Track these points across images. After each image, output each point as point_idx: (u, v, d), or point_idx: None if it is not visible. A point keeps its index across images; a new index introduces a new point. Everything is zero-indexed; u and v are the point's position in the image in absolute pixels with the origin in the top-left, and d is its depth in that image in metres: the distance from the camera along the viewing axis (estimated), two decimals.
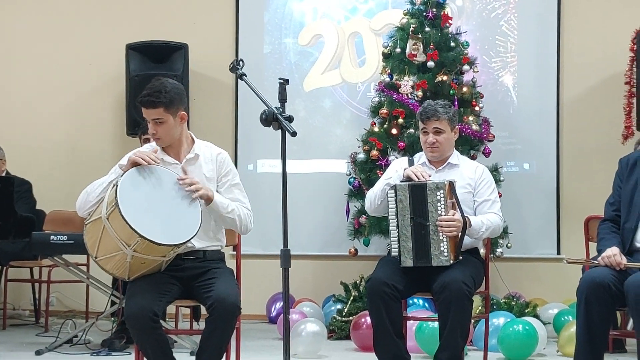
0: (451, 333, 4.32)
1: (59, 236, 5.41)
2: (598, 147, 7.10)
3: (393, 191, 4.46)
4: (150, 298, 3.85)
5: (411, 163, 4.74)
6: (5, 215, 6.05)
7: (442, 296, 4.33)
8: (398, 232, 4.44)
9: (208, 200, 4.04)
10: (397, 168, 4.74)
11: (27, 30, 7.66)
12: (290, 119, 3.48)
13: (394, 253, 4.48)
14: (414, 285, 4.48)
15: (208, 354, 3.92)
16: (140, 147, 4.28)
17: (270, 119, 3.49)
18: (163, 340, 3.90)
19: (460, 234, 4.42)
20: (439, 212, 4.36)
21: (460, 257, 4.45)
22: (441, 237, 4.36)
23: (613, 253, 4.02)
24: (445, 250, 4.35)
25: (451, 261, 4.36)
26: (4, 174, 6.76)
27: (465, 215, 4.46)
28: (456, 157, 4.77)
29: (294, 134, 3.43)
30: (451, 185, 4.45)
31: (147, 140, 5.52)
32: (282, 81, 3.57)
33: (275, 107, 3.52)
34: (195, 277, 4.06)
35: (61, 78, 7.58)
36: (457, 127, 4.79)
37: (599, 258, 4.09)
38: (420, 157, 4.81)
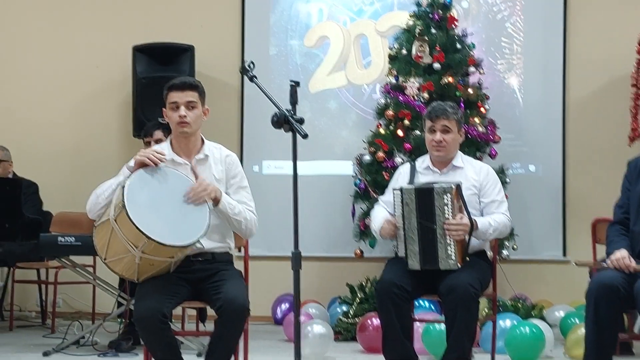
0: (458, 335, 4.32)
1: (66, 238, 5.41)
2: (604, 149, 7.10)
3: (399, 193, 4.45)
4: (160, 299, 3.86)
5: (413, 168, 4.75)
6: (12, 217, 6.07)
7: (448, 298, 4.33)
8: (405, 234, 4.44)
9: (215, 200, 4.04)
10: (399, 178, 4.75)
11: (34, 32, 7.68)
12: (301, 121, 3.48)
13: (401, 254, 4.48)
14: (422, 286, 4.48)
15: (217, 355, 3.93)
16: (145, 149, 4.27)
17: (281, 121, 3.48)
18: (172, 342, 3.91)
19: (467, 236, 4.42)
20: (446, 215, 4.36)
21: (468, 259, 4.45)
22: (448, 241, 4.36)
23: (622, 256, 4.03)
24: (453, 254, 4.35)
25: (458, 265, 4.36)
26: (10, 176, 6.78)
27: (471, 217, 4.46)
28: (460, 159, 4.77)
29: (305, 136, 3.42)
30: (458, 188, 4.45)
31: (149, 144, 5.57)
32: (293, 83, 3.55)
33: (286, 109, 3.51)
34: (204, 279, 4.07)
35: (68, 80, 7.60)
36: (462, 129, 4.80)
37: (608, 261, 4.09)
38: (423, 161, 4.81)
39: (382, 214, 4.66)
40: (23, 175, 6.83)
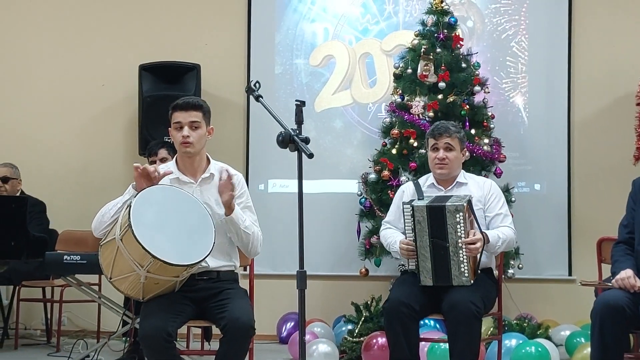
0: (461, 353, 4.33)
1: (72, 256, 5.41)
2: (609, 167, 7.09)
3: (410, 209, 4.44)
4: (165, 318, 3.86)
5: (417, 186, 4.76)
6: (18, 235, 6.07)
7: (450, 315, 4.34)
8: (417, 252, 4.43)
9: (230, 210, 4.05)
10: (403, 197, 4.75)
11: (40, 50, 7.72)
12: (306, 141, 3.48)
13: (411, 268, 4.48)
14: (429, 305, 4.48)
15: None
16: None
17: (287, 141, 3.49)
18: None
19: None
20: (459, 233, 4.36)
21: (479, 271, 4.46)
22: (461, 258, 4.36)
23: (627, 275, 4.02)
24: (466, 271, 4.36)
25: (471, 281, 4.37)
26: (18, 194, 6.81)
27: (482, 231, 4.47)
28: (463, 176, 4.80)
29: (310, 155, 3.43)
30: (469, 203, 4.45)
31: (154, 163, 5.58)
32: (299, 103, 3.56)
33: (292, 128, 3.53)
34: (209, 298, 4.08)
35: (74, 98, 7.62)
36: (465, 149, 4.82)
37: (613, 280, 4.08)
38: (427, 179, 4.83)
39: (395, 236, 4.66)
40: (30, 194, 6.85)
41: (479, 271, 4.51)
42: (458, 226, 4.36)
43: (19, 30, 7.75)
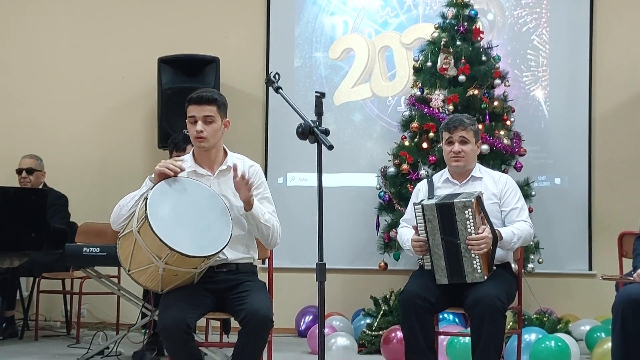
0: (484, 349, 4.29)
1: (91, 248, 5.44)
2: (630, 161, 7.04)
3: (420, 209, 4.43)
4: (184, 310, 3.86)
5: (431, 184, 4.74)
6: (38, 227, 6.10)
7: (475, 311, 4.31)
8: (430, 250, 4.42)
9: (249, 205, 4.04)
10: (418, 195, 4.75)
11: (60, 43, 7.75)
12: (326, 132, 3.47)
13: (427, 268, 4.47)
14: (446, 299, 4.46)
15: None
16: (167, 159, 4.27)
17: (306, 132, 3.47)
18: (196, 353, 3.91)
19: (492, 247, 4.40)
20: (469, 230, 4.33)
21: (494, 268, 4.43)
22: (473, 255, 4.33)
23: None
24: (479, 267, 4.33)
25: (485, 277, 4.34)
26: (41, 186, 6.85)
27: (495, 228, 4.44)
28: (478, 169, 4.78)
29: (330, 147, 3.41)
30: (479, 199, 4.42)
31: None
32: (319, 94, 3.53)
33: (312, 120, 3.51)
34: (227, 290, 4.07)
35: (93, 91, 7.66)
36: (480, 141, 4.80)
37: (635, 274, 4.05)
38: (442, 174, 4.81)
39: (408, 234, 4.65)
40: (50, 187, 6.89)
41: (495, 267, 4.48)
42: (468, 222, 4.33)
43: (39, 24, 7.80)
